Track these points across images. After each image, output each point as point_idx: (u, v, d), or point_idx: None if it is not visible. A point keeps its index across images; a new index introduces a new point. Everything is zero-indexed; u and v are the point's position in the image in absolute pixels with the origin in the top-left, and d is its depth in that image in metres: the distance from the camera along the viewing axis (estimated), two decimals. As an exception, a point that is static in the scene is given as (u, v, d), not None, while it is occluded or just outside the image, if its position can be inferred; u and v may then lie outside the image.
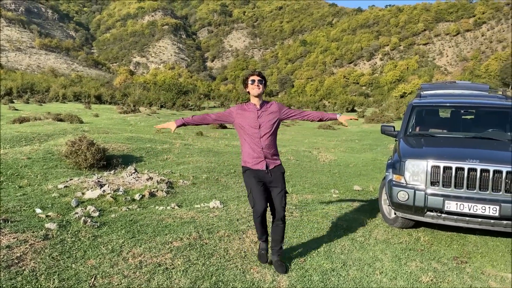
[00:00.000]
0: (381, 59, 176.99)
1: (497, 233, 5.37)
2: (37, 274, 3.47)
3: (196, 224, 5.04)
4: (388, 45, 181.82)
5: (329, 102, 77.75)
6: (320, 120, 4.19)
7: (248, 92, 3.94)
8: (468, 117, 7.11)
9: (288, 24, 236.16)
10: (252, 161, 3.89)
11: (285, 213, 4.06)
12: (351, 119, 4.26)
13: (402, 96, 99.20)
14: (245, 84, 3.95)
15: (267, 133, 3.87)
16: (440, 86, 7.77)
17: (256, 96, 3.90)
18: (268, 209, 3.95)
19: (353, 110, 61.51)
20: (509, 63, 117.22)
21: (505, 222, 4.62)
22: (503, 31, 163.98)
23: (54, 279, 3.42)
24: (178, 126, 3.99)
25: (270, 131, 3.88)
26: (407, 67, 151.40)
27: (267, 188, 3.90)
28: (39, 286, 3.30)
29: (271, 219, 4.03)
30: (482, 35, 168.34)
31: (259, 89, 3.87)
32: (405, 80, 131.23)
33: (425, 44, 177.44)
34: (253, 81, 3.87)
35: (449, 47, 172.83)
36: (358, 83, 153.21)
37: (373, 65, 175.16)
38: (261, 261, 4.05)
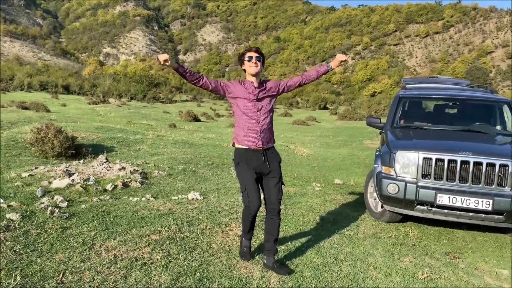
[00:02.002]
0: (352, 58, 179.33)
1: (484, 228, 5.26)
2: (-4, 270, 3.05)
3: (175, 216, 4.67)
4: (359, 44, 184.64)
5: (302, 99, 77.94)
6: (318, 77, 3.72)
7: (244, 70, 3.52)
8: (451, 111, 7.02)
9: (262, 20, 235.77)
10: (249, 138, 3.45)
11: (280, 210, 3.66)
12: (342, 61, 3.81)
13: (372, 95, 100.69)
14: (241, 61, 3.52)
15: (266, 112, 3.49)
16: (422, 80, 7.66)
17: (253, 75, 3.46)
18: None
19: (325, 108, 61.90)
20: (474, 66, 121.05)
21: (496, 216, 4.49)
22: (470, 34, 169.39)
23: (16, 275, 3.00)
24: (175, 67, 3.26)
25: (269, 109, 3.52)
26: (378, 67, 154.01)
27: (261, 181, 3.57)
28: (-2, 283, 2.88)
29: (264, 213, 3.70)
30: (450, 38, 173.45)
31: (256, 67, 3.43)
32: (376, 80, 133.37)
33: (395, 45, 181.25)
34: (251, 57, 3.43)
35: (419, 48, 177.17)
36: (330, 81, 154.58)
37: (345, 64, 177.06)
38: (244, 259, 3.70)
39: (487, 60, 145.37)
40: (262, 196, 3.59)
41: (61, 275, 3.11)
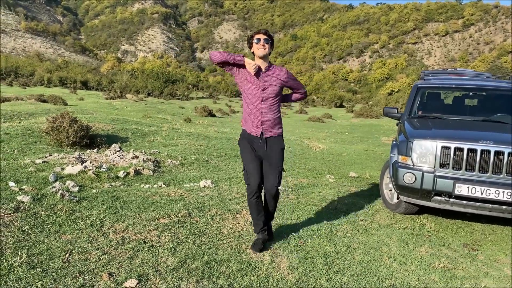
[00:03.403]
0: (370, 57, 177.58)
1: (504, 221, 5.07)
2: (2, 248, 3.03)
3: (185, 202, 4.61)
4: (377, 42, 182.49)
5: (317, 97, 77.52)
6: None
7: (253, 53, 3.51)
8: (471, 102, 6.80)
9: (279, 18, 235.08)
10: (250, 125, 3.51)
11: (279, 193, 3.69)
12: None
13: (389, 94, 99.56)
14: (250, 44, 3.51)
15: (270, 97, 3.47)
16: (442, 72, 7.44)
17: (261, 58, 3.46)
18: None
19: (341, 106, 61.38)
20: (495, 65, 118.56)
21: (518, 208, 4.30)
22: (491, 33, 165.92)
23: (22, 254, 2.97)
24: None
25: (274, 96, 3.49)
26: (396, 66, 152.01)
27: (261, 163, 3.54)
28: (4, 260, 2.85)
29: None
30: (470, 37, 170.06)
31: (264, 49, 3.43)
32: (393, 79, 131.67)
33: (414, 43, 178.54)
34: (259, 39, 3.43)
35: (438, 47, 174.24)
36: (346, 80, 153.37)
37: (362, 62, 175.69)
38: (254, 249, 3.50)
39: (508, 60, 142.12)
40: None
41: (67, 254, 3.07)
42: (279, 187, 3.63)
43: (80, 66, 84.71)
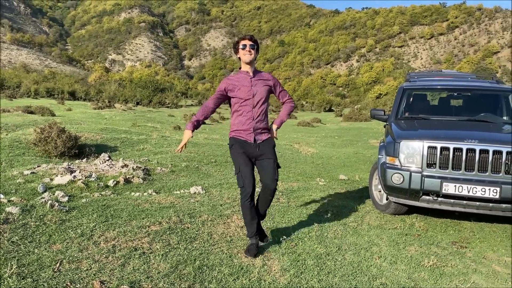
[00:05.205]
0: (357, 61, 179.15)
1: (492, 218, 5.15)
2: (-8, 259, 3.00)
3: (176, 209, 4.62)
4: (364, 47, 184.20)
5: (307, 102, 77.84)
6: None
7: (239, 58, 3.56)
8: (456, 102, 6.91)
9: (267, 24, 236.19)
10: (242, 132, 3.54)
11: (276, 188, 3.68)
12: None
13: (377, 97, 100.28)
14: (236, 49, 3.57)
15: (260, 100, 3.53)
16: (427, 74, 7.56)
17: (247, 63, 3.52)
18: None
19: (330, 110, 61.69)
20: (480, 67, 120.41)
21: (504, 205, 4.37)
22: (475, 35, 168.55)
23: (12, 265, 2.95)
24: (193, 131, 3.46)
25: (263, 99, 3.55)
26: (383, 69, 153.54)
27: (253, 166, 3.57)
28: (-6, 271, 2.83)
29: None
30: (455, 39, 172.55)
31: (250, 55, 3.49)
32: (381, 82, 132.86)
33: (400, 47, 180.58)
34: (244, 46, 3.49)
35: (424, 50, 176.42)
36: (335, 84, 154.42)
37: (350, 67, 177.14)
38: (249, 255, 3.49)
39: (493, 61, 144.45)
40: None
41: (58, 264, 3.06)
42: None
43: (67, 77, 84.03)
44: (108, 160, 7.30)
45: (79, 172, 6.20)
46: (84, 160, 7.78)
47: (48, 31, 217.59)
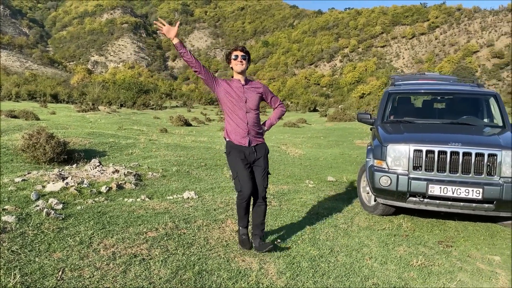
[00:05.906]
0: (340, 61, 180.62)
1: (475, 218, 5.37)
2: (-5, 269, 3.06)
3: (171, 215, 4.71)
4: (347, 47, 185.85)
5: (291, 102, 78.30)
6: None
7: (232, 68, 3.72)
8: (440, 105, 7.15)
9: (250, 25, 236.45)
10: (237, 136, 3.69)
11: (266, 197, 3.92)
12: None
13: (361, 97, 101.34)
14: (228, 60, 3.74)
15: (253, 106, 3.70)
16: (410, 77, 7.78)
17: (239, 73, 3.70)
18: None
19: (315, 110, 62.17)
20: (460, 66, 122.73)
21: (486, 205, 4.59)
22: (455, 35, 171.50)
23: (15, 274, 3.01)
24: (177, 41, 3.74)
25: (255, 107, 3.73)
26: (366, 69, 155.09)
27: (252, 170, 3.71)
28: (-2, 281, 2.89)
29: (252, 202, 3.83)
30: (436, 39, 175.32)
31: (242, 65, 3.67)
32: (364, 82, 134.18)
33: (382, 47, 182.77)
34: (236, 56, 3.67)
35: (405, 49, 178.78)
36: (319, 84, 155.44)
37: (333, 67, 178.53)
38: (244, 247, 3.81)
39: (472, 60, 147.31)
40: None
41: (60, 272, 3.13)
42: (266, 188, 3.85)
43: (49, 79, 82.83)
44: (98, 165, 7.33)
45: (71, 179, 6.23)
46: (74, 166, 7.78)
47: (28, 32, 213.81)
